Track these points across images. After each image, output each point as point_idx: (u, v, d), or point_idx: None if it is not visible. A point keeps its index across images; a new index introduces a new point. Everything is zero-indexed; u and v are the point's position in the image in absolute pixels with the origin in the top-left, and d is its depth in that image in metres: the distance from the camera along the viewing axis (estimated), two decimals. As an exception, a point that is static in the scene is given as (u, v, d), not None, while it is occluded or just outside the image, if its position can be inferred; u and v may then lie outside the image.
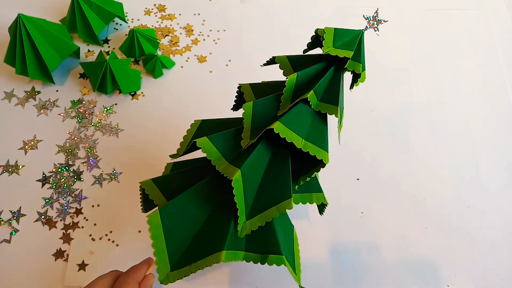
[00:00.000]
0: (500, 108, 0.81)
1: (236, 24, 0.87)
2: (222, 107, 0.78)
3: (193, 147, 0.49)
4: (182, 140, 0.55)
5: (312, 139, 0.46)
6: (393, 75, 0.83)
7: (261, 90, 0.51)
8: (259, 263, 0.49)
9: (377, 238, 0.69)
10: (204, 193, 0.50)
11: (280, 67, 0.48)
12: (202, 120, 0.55)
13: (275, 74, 0.54)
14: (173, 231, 0.48)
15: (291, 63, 0.48)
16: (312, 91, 0.44)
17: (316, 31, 0.46)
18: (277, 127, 0.43)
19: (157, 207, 0.50)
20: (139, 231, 0.67)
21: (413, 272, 0.67)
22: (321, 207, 0.57)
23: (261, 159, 0.48)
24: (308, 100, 0.45)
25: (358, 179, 0.73)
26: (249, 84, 0.51)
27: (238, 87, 0.53)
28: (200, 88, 0.80)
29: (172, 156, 0.55)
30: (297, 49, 0.85)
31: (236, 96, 0.55)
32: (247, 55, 0.84)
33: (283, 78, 0.54)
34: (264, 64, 0.51)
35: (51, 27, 0.75)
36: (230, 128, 0.49)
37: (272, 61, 0.50)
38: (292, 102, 0.46)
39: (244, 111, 0.46)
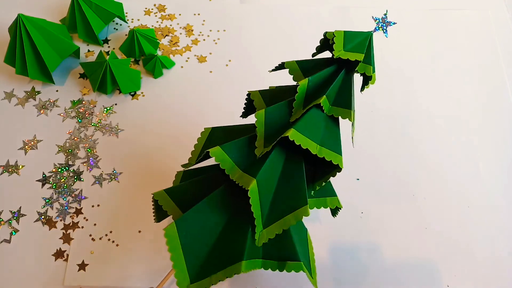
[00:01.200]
0: (500, 108, 0.81)
1: (236, 24, 0.87)
2: (222, 107, 0.78)
3: (205, 156, 0.49)
4: (193, 149, 0.54)
5: (327, 144, 0.46)
6: (393, 75, 0.83)
7: (271, 96, 0.50)
8: (277, 270, 0.48)
9: (377, 238, 0.69)
10: (220, 202, 0.49)
11: (290, 73, 0.48)
12: (212, 127, 0.54)
13: (275, 73, 0.54)
14: (191, 242, 0.47)
15: (301, 68, 0.48)
16: (324, 96, 0.44)
17: (325, 34, 0.45)
18: (292, 134, 0.43)
19: (169, 216, 0.50)
20: (139, 231, 0.67)
21: (413, 272, 0.67)
22: (335, 210, 0.57)
23: (275, 166, 0.47)
24: (321, 105, 0.44)
25: (358, 179, 0.73)
26: (259, 91, 0.51)
27: (247, 95, 0.52)
28: (200, 88, 0.80)
29: (184, 166, 0.54)
30: (297, 49, 0.86)
31: (245, 104, 0.55)
32: (247, 55, 0.84)
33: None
34: (273, 70, 0.51)
35: (51, 27, 0.75)
36: (241, 136, 0.49)
37: (281, 66, 0.50)
38: (304, 107, 0.46)
39: (256, 119, 0.45)
